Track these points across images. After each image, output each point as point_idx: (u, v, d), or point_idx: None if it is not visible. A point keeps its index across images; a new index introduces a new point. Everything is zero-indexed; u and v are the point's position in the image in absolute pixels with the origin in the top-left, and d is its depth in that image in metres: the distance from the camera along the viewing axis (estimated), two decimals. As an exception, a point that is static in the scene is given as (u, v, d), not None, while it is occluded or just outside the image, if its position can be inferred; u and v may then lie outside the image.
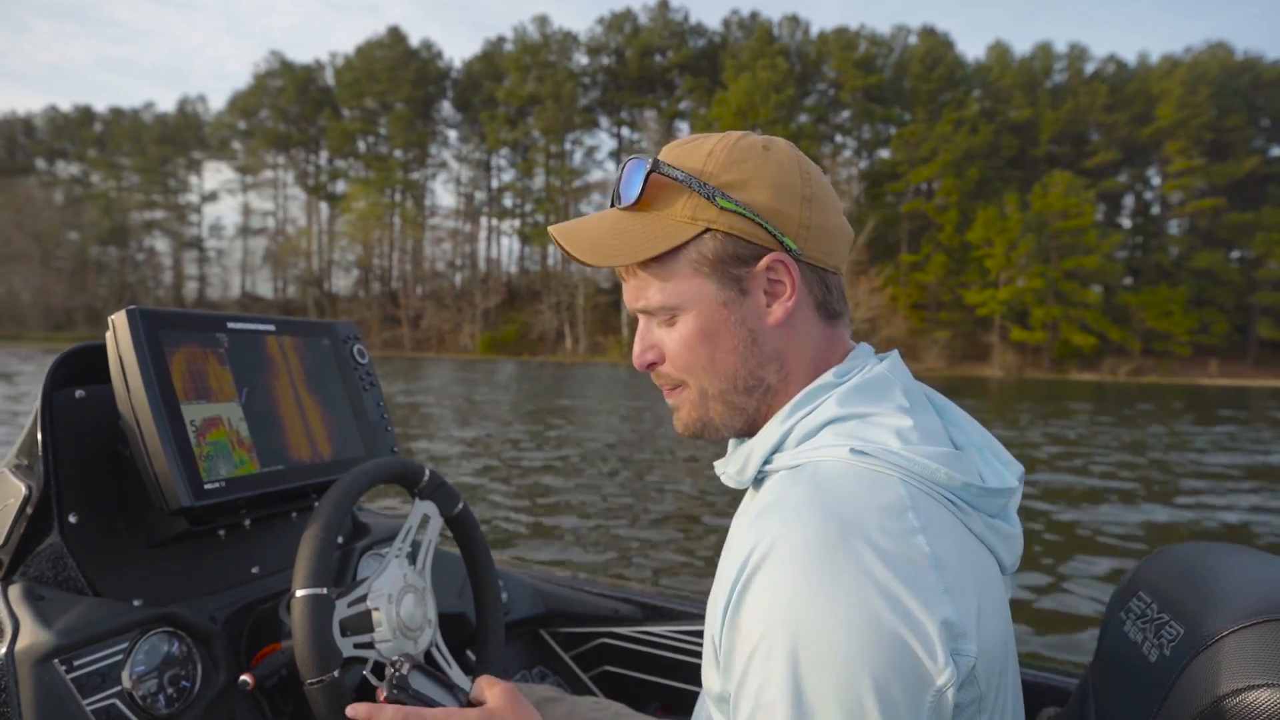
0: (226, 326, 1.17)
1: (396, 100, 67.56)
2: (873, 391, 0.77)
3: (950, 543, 0.66)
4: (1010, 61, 58.29)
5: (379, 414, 1.40)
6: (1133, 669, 0.82)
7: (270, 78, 71.11)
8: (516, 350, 60.25)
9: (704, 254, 0.76)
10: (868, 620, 0.59)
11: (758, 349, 0.79)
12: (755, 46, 60.62)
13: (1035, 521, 6.79)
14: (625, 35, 67.63)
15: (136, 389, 1.01)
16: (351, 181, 69.93)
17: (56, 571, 1.03)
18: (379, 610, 1.03)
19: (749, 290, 0.78)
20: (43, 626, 0.93)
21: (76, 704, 0.92)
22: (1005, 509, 0.76)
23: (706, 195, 0.75)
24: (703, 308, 0.78)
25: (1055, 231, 48.62)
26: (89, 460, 1.09)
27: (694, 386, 0.81)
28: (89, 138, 77.26)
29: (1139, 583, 0.91)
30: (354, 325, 1.45)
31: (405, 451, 2.63)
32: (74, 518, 1.05)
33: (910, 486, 0.68)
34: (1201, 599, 0.78)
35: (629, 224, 0.78)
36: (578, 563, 5.29)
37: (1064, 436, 13.77)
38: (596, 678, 1.74)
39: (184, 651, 1.05)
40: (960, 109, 55.25)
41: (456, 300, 64.00)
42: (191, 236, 75.49)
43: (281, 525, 1.32)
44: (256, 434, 1.15)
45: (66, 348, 1.13)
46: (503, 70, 68.64)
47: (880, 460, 0.69)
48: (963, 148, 52.68)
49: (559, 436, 12.11)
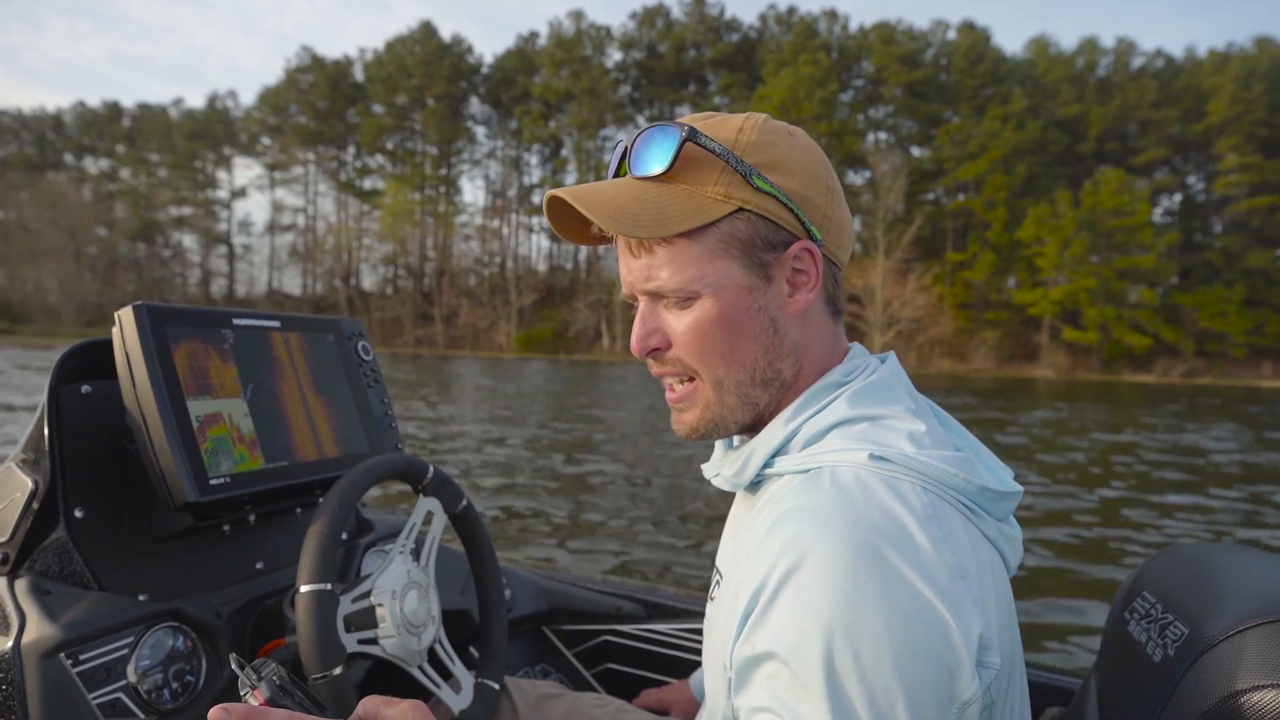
0: (232, 323, 1.17)
1: (431, 95, 66.93)
2: (880, 393, 0.75)
3: (969, 550, 0.65)
4: (1055, 56, 57.24)
5: (383, 410, 1.39)
6: (1137, 669, 0.81)
7: (301, 73, 70.65)
8: (553, 349, 59.56)
9: (735, 235, 0.72)
10: (905, 634, 0.58)
11: (778, 339, 0.75)
12: (796, 41, 59.73)
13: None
14: (659, 30, 66.85)
15: (142, 384, 1.01)
16: (385, 178, 69.44)
17: (62, 566, 1.03)
18: (383, 606, 1.03)
19: (774, 277, 0.74)
20: (49, 620, 0.94)
21: (82, 697, 0.92)
22: (1010, 512, 0.74)
23: (743, 173, 0.71)
24: (726, 292, 0.73)
25: (1108, 230, 47.61)
26: (95, 455, 1.09)
27: (707, 378, 0.76)
28: (118, 133, 77.05)
29: (1143, 583, 0.91)
30: (359, 322, 1.44)
31: (425, 451, 3.01)
32: (80, 512, 1.05)
33: (930, 494, 0.66)
34: (1206, 599, 0.77)
35: (655, 194, 0.72)
36: (580, 560, 5.29)
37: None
38: (599, 675, 1.72)
39: (189, 646, 1.06)
40: (1005, 104, 54.25)
41: (492, 298, 63.35)
42: (221, 233, 75.24)
43: (286, 521, 1.31)
44: (261, 430, 1.15)
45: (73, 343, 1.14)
46: (536, 65, 68.02)
47: (900, 466, 0.67)
48: (1011, 144, 51.67)
49: (578, 438, 11.89)
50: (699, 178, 0.72)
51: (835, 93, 56.20)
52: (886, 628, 0.57)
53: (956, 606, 0.60)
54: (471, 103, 70.31)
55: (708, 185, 0.72)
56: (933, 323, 50.16)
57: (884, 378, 0.76)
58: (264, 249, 74.59)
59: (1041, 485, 8.49)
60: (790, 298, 0.75)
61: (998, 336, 51.15)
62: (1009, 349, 51.63)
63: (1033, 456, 10.83)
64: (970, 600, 0.61)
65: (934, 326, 50.10)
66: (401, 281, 69.02)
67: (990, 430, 13.94)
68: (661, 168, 0.72)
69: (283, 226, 73.29)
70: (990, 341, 50.98)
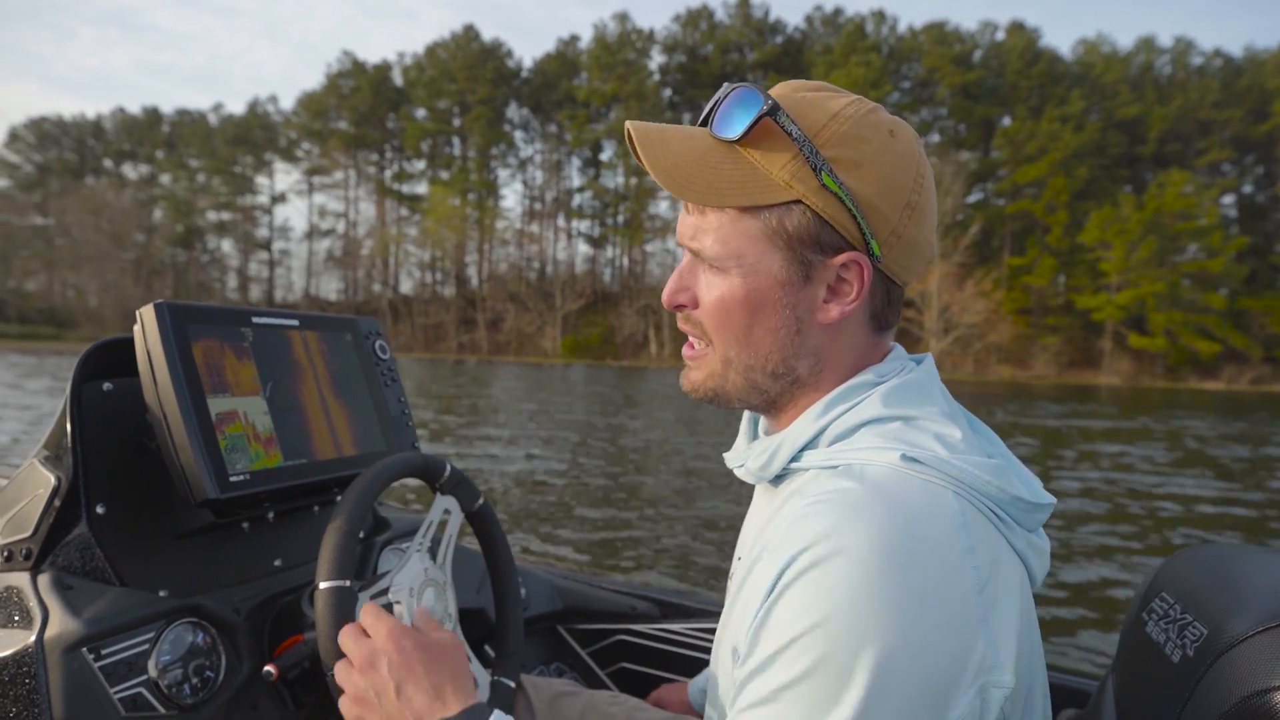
0: (251, 321, 1.18)
1: (475, 99, 66.58)
2: (914, 393, 0.72)
3: (992, 563, 0.64)
4: (1112, 56, 56.11)
5: (400, 409, 1.41)
6: (1155, 670, 0.81)
7: (343, 77, 70.55)
8: (599, 355, 58.96)
9: (785, 225, 0.69)
10: (912, 647, 0.58)
11: (798, 340, 0.73)
12: (846, 42, 58.92)
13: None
14: (703, 32, 66.24)
15: (164, 382, 1.03)
16: (430, 182, 69.14)
17: (84, 561, 1.04)
18: (400, 604, 1.04)
19: (813, 279, 0.71)
20: (71, 615, 0.94)
21: (104, 692, 0.93)
22: (1041, 524, 0.73)
23: (814, 165, 0.68)
24: (757, 278, 0.71)
25: (1174, 233, 46.44)
26: (116, 452, 1.11)
27: (718, 351, 0.75)
28: (158, 139, 77.30)
29: (1161, 583, 0.90)
30: (376, 321, 1.45)
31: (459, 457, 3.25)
32: (101, 509, 1.07)
33: (962, 500, 0.65)
34: (1225, 600, 0.77)
35: (720, 159, 0.70)
36: (596, 559, 5.32)
37: None
38: (614, 674, 1.73)
39: (208, 642, 1.07)
40: (1063, 105, 53.19)
41: (538, 304, 62.85)
42: (261, 238, 75.24)
43: (304, 518, 1.33)
44: (280, 427, 1.16)
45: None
46: (577, 69, 67.54)
47: (933, 470, 0.66)
48: (1072, 146, 50.59)
49: (605, 440, 12.01)
50: (769, 155, 0.69)
51: (888, 94, 55.27)
52: (895, 638, 0.58)
53: (969, 627, 0.60)
54: (510, 107, 69.96)
55: (775, 165, 0.69)
56: (991, 329, 49.17)
57: (919, 378, 0.74)
58: (302, 254, 74.66)
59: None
60: (824, 304, 0.72)
61: (1059, 342, 50.04)
62: (1069, 355, 50.56)
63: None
64: (981, 620, 0.60)
65: (993, 333, 49.10)
66: (440, 288, 68.76)
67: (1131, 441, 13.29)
68: (734, 134, 0.69)
69: (322, 231, 73.27)
70: (1052, 348, 49.87)
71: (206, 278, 74.42)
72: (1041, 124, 52.41)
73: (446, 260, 67.91)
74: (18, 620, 0.95)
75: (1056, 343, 50.00)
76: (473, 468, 9.06)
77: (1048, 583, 4.94)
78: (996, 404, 21.81)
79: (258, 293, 74.14)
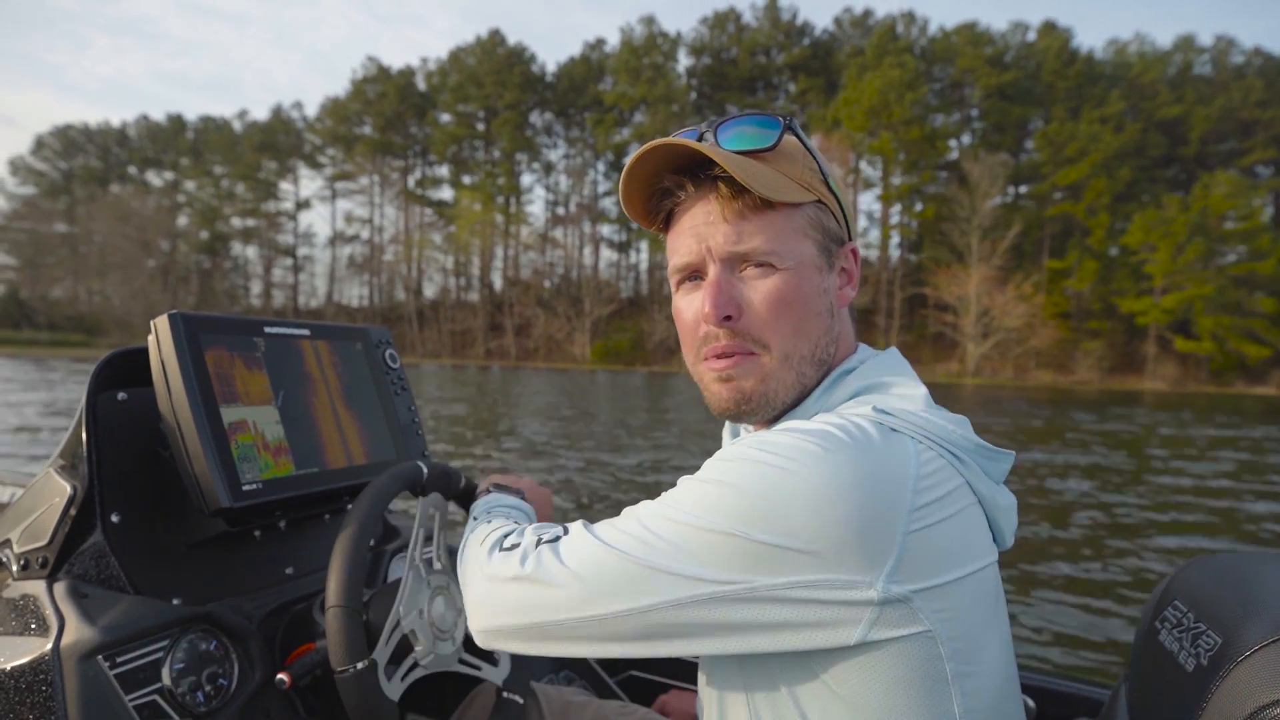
0: (264, 331, 1.20)
1: (503, 104, 66.23)
2: (888, 366, 0.82)
3: (940, 499, 0.67)
4: (1151, 56, 55.17)
5: (410, 418, 1.42)
6: (1169, 679, 0.80)
7: (368, 83, 70.36)
8: (629, 360, 58.36)
9: (817, 220, 0.80)
10: (820, 496, 0.63)
11: (832, 323, 0.82)
12: (879, 44, 58.22)
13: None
14: (730, 35, 65.70)
15: (178, 392, 1.04)
16: (458, 188, 68.78)
17: (99, 570, 1.05)
18: (414, 630, 1.05)
19: (833, 266, 0.82)
20: (87, 623, 0.95)
21: (119, 699, 0.94)
22: (1004, 476, 0.78)
23: (823, 171, 0.80)
24: (804, 268, 0.79)
25: (1221, 235, 45.43)
26: (131, 461, 1.12)
27: (775, 350, 0.79)
28: (183, 146, 77.34)
29: (1175, 591, 0.90)
30: (386, 331, 1.46)
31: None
32: (116, 517, 1.08)
33: (921, 447, 0.69)
34: (1240, 608, 0.76)
35: (756, 165, 0.77)
36: None
37: None
38: (622, 682, 1.73)
39: (221, 650, 1.08)
40: (1101, 106, 52.30)
41: (567, 309, 62.30)
42: (286, 244, 75.10)
43: (315, 527, 1.34)
44: (292, 436, 1.17)
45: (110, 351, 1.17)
46: (603, 72, 67.09)
47: (900, 420, 0.71)
48: (1113, 147, 49.68)
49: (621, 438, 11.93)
50: (789, 163, 0.79)
51: (925, 95, 54.50)
52: (800, 486, 0.64)
53: (877, 525, 0.63)
54: (535, 112, 69.56)
55: (795, 172, 0.78)
56: (1032, 333, 48.24)
57: (889, 358, 0.84)
58: (326, 261, 74.44)
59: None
60: (840, 289, 0.83)
61: (1101, 347, 49.08)
62: (1110, 360, 49.58)
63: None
64: (899, 532, 0.64)
65: (1033, 337, 48.17)
66: (466, 294, 68.36)
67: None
68: (764, 146, 0.77)
69: (346, 237, 73.02)
70: (1095, 352, 48.90)
71: (232, 284, 74.36)
72: (1081, 125, 51.51)
73: (474, 266, 67.54)
74: (34, 628, 0.96)
75: (1099, 347, 49.03)
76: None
77: (1057, 584, 5.03)
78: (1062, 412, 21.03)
79: (282, 299, 74.03)
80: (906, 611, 0.64)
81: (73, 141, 79.46)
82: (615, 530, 0.71)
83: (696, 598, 0.64)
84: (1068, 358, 49.34)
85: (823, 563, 0.62)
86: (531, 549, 0.76)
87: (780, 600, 0.63)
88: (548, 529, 0.81)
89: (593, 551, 0.70)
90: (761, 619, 0.64)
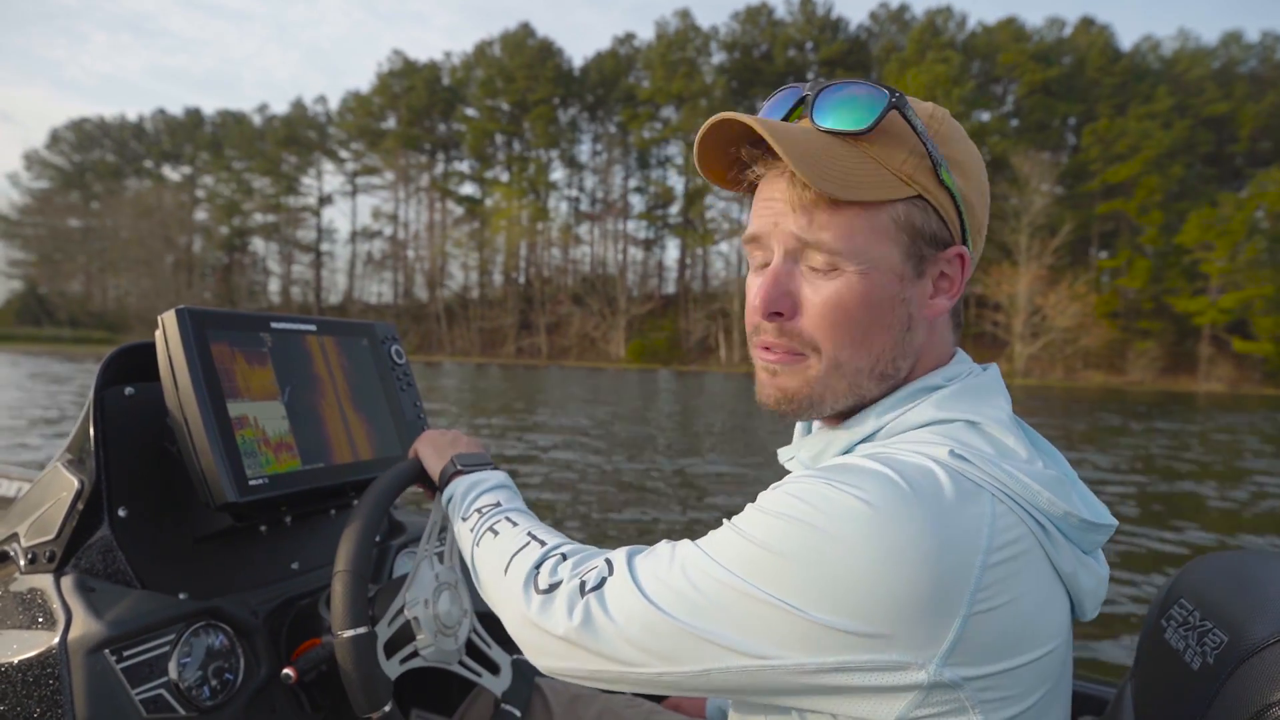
0: (270, 326, 1.20)
1: (535, 98, 65.19)
2: (976, 399, 0.71)
3: (1010, 576, 0.60)
4: (1197, 52, 54.42)
5: (415, 414, 1.42)
6: (1175, 677, 0.80)
7: (394, 77, 69.25)
8: (666, 359, 57.40)
9: (909, 220, 0.68)
10: (875, 575, 0.57)
11: (909, 336, 0.72)
12: (921, 39, 57.36)
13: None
14: (763, 29, 64.80)
15: (185, 387, 1.04)
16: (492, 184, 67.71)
17: (106, 564, 1.05)
18: (417, 618, 1.05)
19: (924, 273, 0.71)
20: (94, 617, 0.96)
21: (125, 693, 0.95)
22: (1099, 546, 0.70)
23: (934, 160, 0.68)
24: (878, 273, 0.68)
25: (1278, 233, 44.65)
26: (138, 456, 1.12)
27: (826, 356, 0.71)
28: (202, 141, 76.17)
29: (1180, 589, 0.89)
30: (392, 326, 1.47)
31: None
32: (123, 512, 1.08)
33: (999, 505, 0.62)
34: (1246, 606, 0.76)
35: (842, 151, 0.67)
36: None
37: None
38: None
39: (227, 645, 1.08)
40: (1148, 103, 51.49)
41: (602, 307, 61.32)
42: (309, 241, 73.97)
43: (320, 522, 1.35)
44: (298, 431, 1.17)
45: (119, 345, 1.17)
46: (634, 67, 66.09)
47: (980, 470, 0.63)
48: (1165, 144, 48.87)
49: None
50: (889, 150, 0.67)
51: (972, 90, 53.66)
52: (855, 565, 0.57)
53: (934, 606, 0.57)
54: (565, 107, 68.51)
55: (895, 161, 0.67)
56: (1085, 333, 47.44)
57: (985, 382, 0.73)
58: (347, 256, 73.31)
59: None
60: (931, 299, 0.72)
61: (1155, 347, 48.28)
62: (1161, 360, 48.81)
63: None
64: (954, 614, 0.57)
65: (1085, 337, 47.37)
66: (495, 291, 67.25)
67: None
68: (860, 127, 0.66)
69: (370, 233, 71.90)
70: (1149, 353, 48.09)
71: (253, 280, 73.26)
72: (1129, 121, 50.70)
73: (505, 262, 66.49)
74: (41, 622, 0.97)
75: (1153, 347, 48.23)
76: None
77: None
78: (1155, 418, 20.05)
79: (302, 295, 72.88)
80: (954, 698, 0.59)
81: (88, 135, 78.33)
82: (659, 583, 0.66)
83: (746, 668, 0.61)
84: (1117, 358, 48.59)
85: (875, 644, 0.58)
86: (576, 598, 0.70)
87: (825, 673, 0.60)
88: (583, 561, 0.74)
89: (642, 612, 0.65)
90: (804, 688, 0.61)
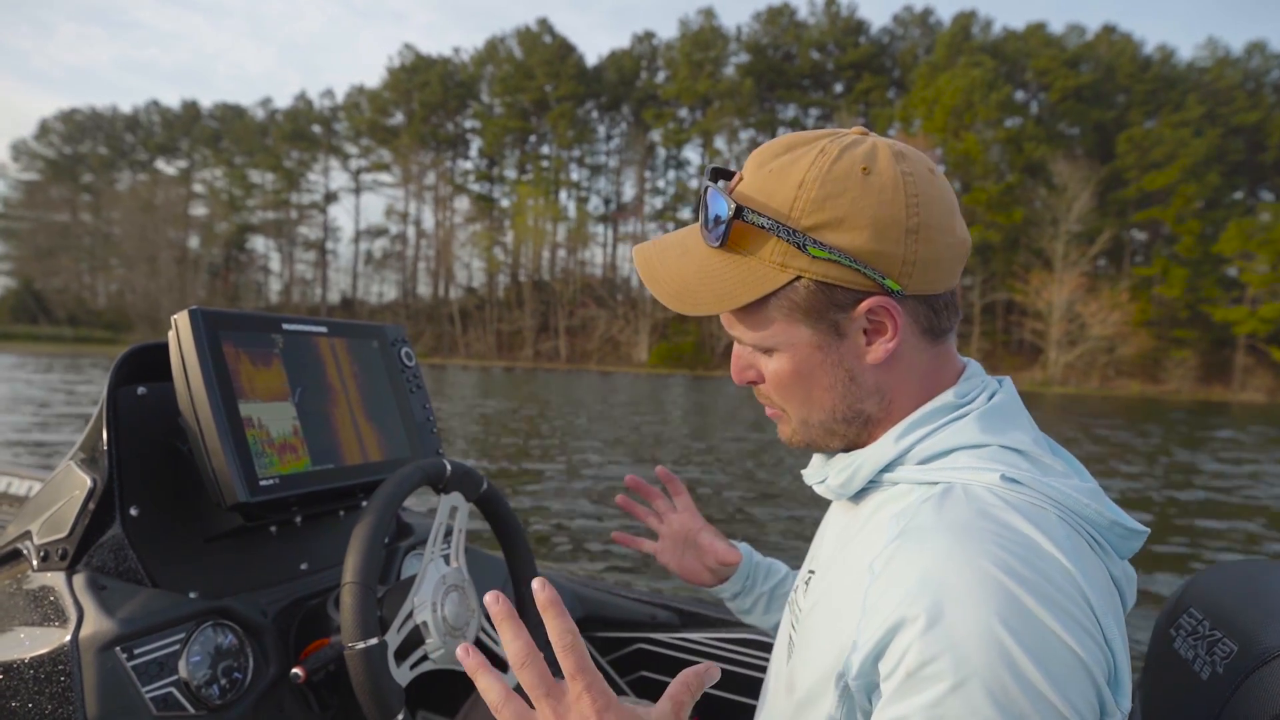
0: (281, 327, 1.21)
1: (556, 96, 63.68)
2: (1005, 418, 0.73)
3: (1098, 587, 0.62)
4: (1225, 60, 54.46)
5: (425, 415, 1.43)
6: (1184, 687, 0.79)
7: (405, 72, 67.36)
8: (691, 364, 56.26)
9: (795, 301, 0.71)
10: (1063, 667, 0.56)
11: (856, 386, 0.74)
12: (951, 42, 56.81)
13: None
14: (785, 31, 63.93)
15: (197, 387, 1.05)
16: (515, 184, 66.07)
17: (118, 562, 1.06)
18: (426, 622, 1.06)
19: (846, 333, 0.72)
20: (105, 615, 0.97)
21: (136, 691, 0.95)
22: (1134, 552, 0.71)
23: (796, 244, 0.68)
24: (795, 350, 0.73)
25: (1316, 243, 44.57)
26: (150, 455, 1.13)
27: (794, 414, 0.78)
28: (201, 134, 73.66)
29: (1190, 599, 0.89)
30: (402, 328, 1.48)
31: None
32: (135, 511, 1.09)
33: (1065, 525, 0.64)
34: (1256, 616, 0.75)
35: (716, 266, 0.73)
36: (616, 567, 5.35)
37: None
38: (633, 683, 1.73)
39: (237, 644, 1.09)
40: (1179, 110, 51.37)
41: (626, 310, 59.97)
42: (314, 238, 71.82)
43: (330, 523, 1.35)
44: (309, 432, 1.18)
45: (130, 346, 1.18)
46: (654, 65, 64.92)
47: (1034, 491, 0.65)
48: (1200, 152, 48.73)
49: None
50: (756, 246, 0.71)
51: (1010, 95, 53.15)
52: (1043, 659, 0.56)
53: (1098, 646, 0.58)
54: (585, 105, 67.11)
55: (764, 254, 0.70)
56: (1122, 341, 47.11)
57: (1006, 402, 0.75)
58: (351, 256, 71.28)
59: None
60: (868, 348, 0.73)
61: (1193, 356, 48.09)
62: (1198, 369, 48.66)
63: None
64: (1102, 641, 0.59)
65: (1123, 345, 47.04)
66: (514, 291, 65.61)
67: None
68: (716, 244, 0.72)
69: (377, 231, 69.96)
70: (1187, 361, 47.87)
71: (260, 279, 71.07)
72: (1163, 129, 50.52)
73: (525, 263, 64.93)
74: (53, 619, 0.97)
75: (1191, 357, 48.04)
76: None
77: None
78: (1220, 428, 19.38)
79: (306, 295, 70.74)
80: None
81: (79, 126, 75.39)
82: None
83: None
84: (1154, 366, 48.34)
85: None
86: None
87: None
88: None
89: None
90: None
